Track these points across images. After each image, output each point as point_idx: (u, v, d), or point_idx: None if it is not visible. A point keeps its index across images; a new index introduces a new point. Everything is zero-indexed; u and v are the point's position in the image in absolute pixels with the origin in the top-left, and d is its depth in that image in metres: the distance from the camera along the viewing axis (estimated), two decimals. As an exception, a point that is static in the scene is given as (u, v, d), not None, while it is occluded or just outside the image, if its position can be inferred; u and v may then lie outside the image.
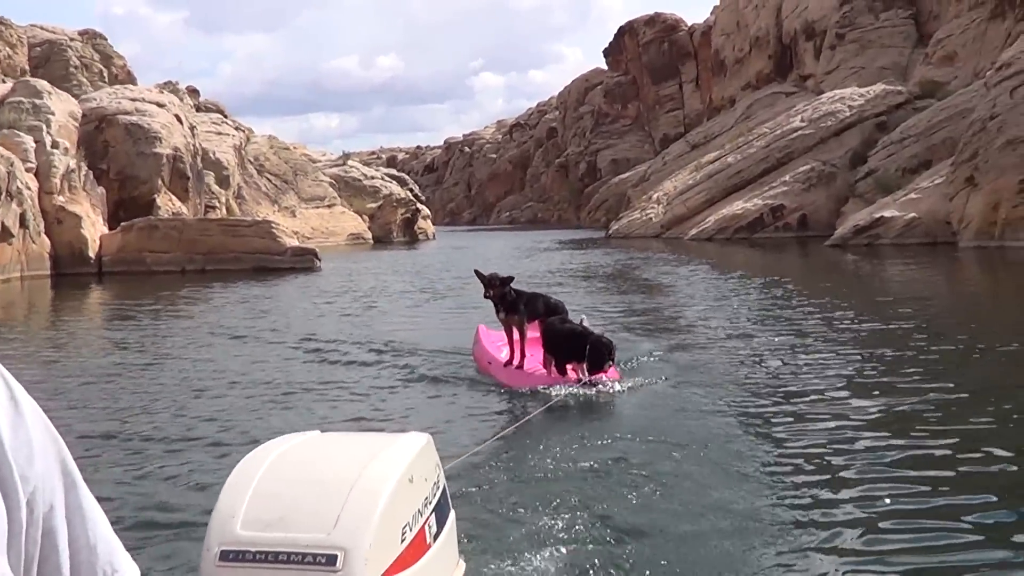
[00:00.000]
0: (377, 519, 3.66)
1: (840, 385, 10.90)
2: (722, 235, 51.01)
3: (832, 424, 9.12)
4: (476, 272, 12.75)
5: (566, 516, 6.56)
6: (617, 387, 10.94)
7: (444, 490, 4.39)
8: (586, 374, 10.99)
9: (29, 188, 34.34)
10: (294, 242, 38.04)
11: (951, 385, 10.52)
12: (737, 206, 52.29)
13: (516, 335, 12.15)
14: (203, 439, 9.38)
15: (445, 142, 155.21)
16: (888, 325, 15.67)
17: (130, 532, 6.38)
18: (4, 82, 41.51)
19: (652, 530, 6.28)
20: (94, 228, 36.90)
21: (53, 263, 35.15)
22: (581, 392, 10.67)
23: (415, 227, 66.68)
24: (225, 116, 63.73)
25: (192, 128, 48.12)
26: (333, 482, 3.81)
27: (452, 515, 4.43)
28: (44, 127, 37.29)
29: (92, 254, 35.92)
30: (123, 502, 7.23)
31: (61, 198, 36.11)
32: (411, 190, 70.64)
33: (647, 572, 5.60)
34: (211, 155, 51.81)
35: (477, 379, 12.22)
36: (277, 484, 3.82)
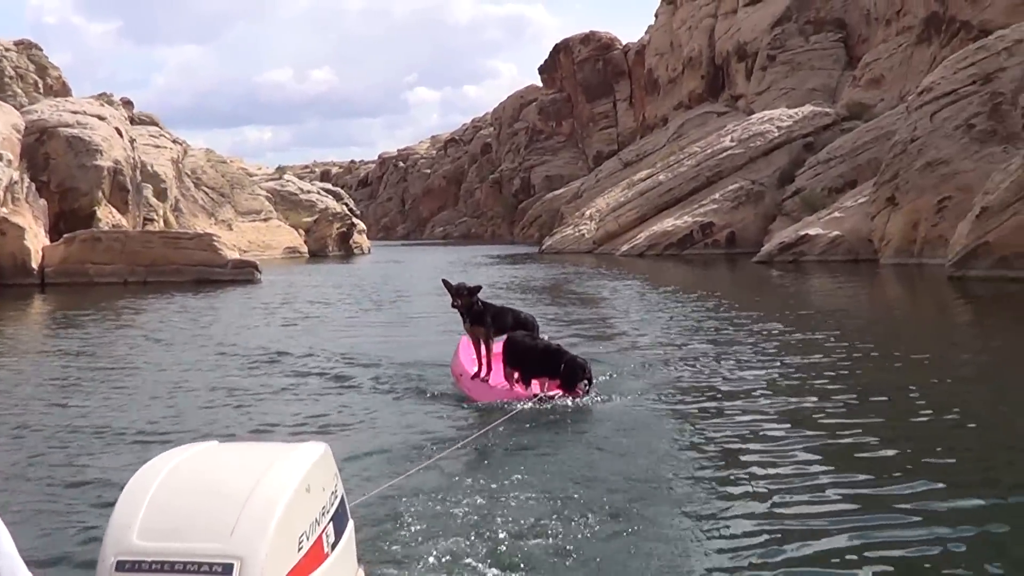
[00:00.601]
0: (273, 528, 3.71)
1: (758, 389, 11.94)
2: (653, 251, 52.79)
3: (748, 419, 10.15)
4: (444, 281, 12.79)
5: (474, 529, 6.73)
6: (574, 401, 11.05)
7: (342, 500, 4.44)
8: (546, 391, 11.16)
9: (-27, 200, 35.08)
10: (235, 255, 39.27)
11: (860, 387, 11.81)
12: (668, 223, 54.14)
13: (483, 348, 12.21)
14: (112, 447, 9.61)
15: (379, 157, 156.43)
16: (805, 335, 17.11)
17: (30, 544, 6.33)
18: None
19: (569, 541, 6.48)
20: (36, 240, 37.63)
21: (-4, 273, 35.82)
22: (530, 406, 10.73)
23: (350, 241, 67.99)
24: (160, 128, 64.43)
25: (132, 141, 48.94)
26: (230, 492, 3.86)
27: (351, 525, 4.50)
28: (-15, 139, 38.02)
29: (35, 265, 36.67)
30: (26, 513, 7.39)
31: (4, 210, 36.78)
32: (346, 204, 71.85)
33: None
34: (149, 168, 52.64)
35: (421, 390, 12.39)
36: (173, 494, 3.87)
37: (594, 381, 11.35)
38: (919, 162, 38.02)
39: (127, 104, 64.87)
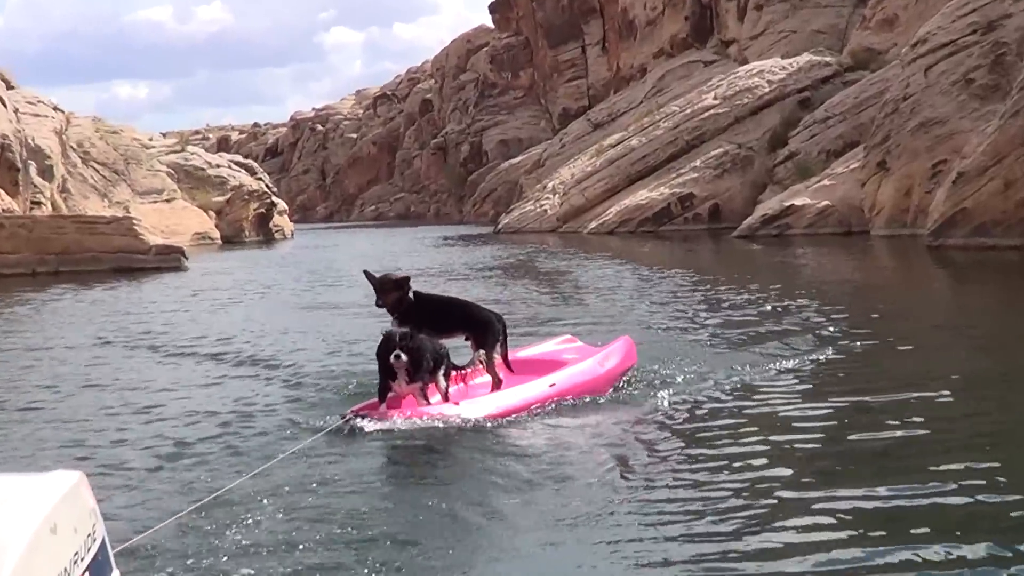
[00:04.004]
0: None
1: (725, 371, 14.31)
2: (625, 228, 59.25)
3: (716, 405, 12.45)
4: (365, 273, 13.29)
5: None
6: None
7: (103, 543, 4.52)
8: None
9: None
10: (158, 240, 45.43)
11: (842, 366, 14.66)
12: (641, 196, 60.60)
13: None
14: None
15: (291, 118, 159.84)
16: (775, 311, 21.37)
17: None
18: None
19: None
20: (-80, 228, 43.40)
21: None
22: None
23: (270, 224, 74.23)
24: (11, 88, 69.45)
25: (16, 111, 54.73)
26: None
27: (116, 575, 4.60)
28: None
29: (-75, 257, 42.48)
30: None
31: None
32: (262, 180, 77.91)
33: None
34: (31, 142, 58.18)
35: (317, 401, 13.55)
36: None
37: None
38: (912, 122, 44.18)
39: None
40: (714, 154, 60.42)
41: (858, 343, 16.41)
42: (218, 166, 75.33)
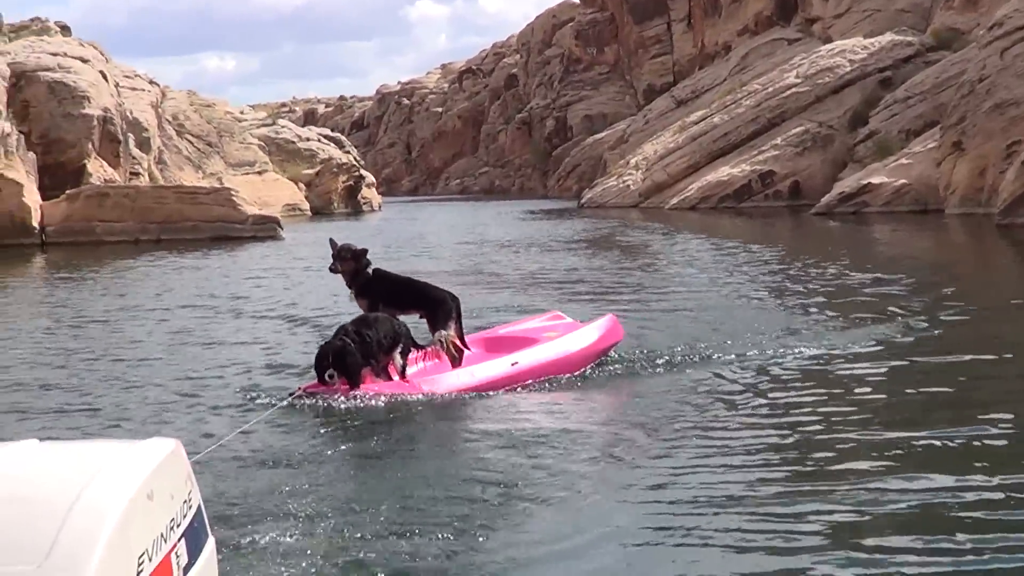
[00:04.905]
0: (103, 545, 3.79)
1: (807, 346, 14.66)
2: (706, 204, 60.89)
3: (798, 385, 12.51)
4: (330, 241, 14.01)
5: (353, 530, 7.64)
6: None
7: (199, 510, 4.61)
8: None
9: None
10: (255, 210, 47.85)
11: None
12: (723, 172, 62.22)
13: None
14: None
15: (377, 92, 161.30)
16: (848, 286, 22.28)
17: None
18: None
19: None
20: (32, 196, 45.92)
21: (-9, 233, 44.07)
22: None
23: (358, 196, 76.56)
24: (105, 60, 71.83)
25: (116, 86, 57.20)
26: (47, 501, 3.94)
27: (211, 542, 4.71)
28: (-28, 88, 46.19)
29: (35, 224, 45.07)
30: None
31: (-3, 164, 45.13)
32: (350, 154, 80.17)
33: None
34: (129, 115, 60.65)
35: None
36: None
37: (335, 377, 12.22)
38: (987, 104, 45.46)
39: (64, 29, 72.72)
40: (795, 132, 61.84)
41: (934, 317, 16.93)
42: (308, 139, 77.71)
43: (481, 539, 7.54)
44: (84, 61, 54.95)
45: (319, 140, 78.58)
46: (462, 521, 7.85)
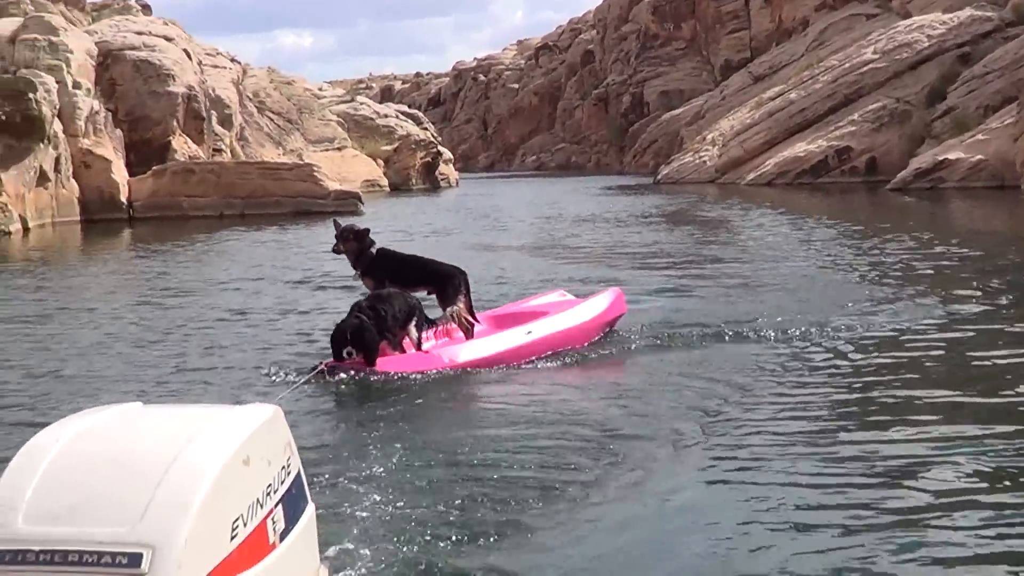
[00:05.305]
0: (197, 509, 3.89)
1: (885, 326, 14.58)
2: (782, 180, 61.22)
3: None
4: (333, 222, 14.58)
5: (456, 506, 7.59)
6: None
7: (298, 476, 4.72)
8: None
9: (64, 132, 44.67)
10: (336, 186, 49.00)
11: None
12: (799, 148, 62.47)
13: None
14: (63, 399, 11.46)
15: (454, 68, 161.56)
16: (924, 261, 22.54)
17: None
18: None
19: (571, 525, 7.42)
20: (120, 172, 47.23)
21: (82, 208, 45.40)
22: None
23: (436, 173, 77.49)
24: (188, 39, 72.84)
25: (199, 64, 58.41)
26: (144, 464, 4.07)
27: (310, 508, 4.77)
28: (64, 66, 47.21)
29: (123, 199, 46.41)
30: None
31: (87, 141, 46.28)
32: (427, 130, 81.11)
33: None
34: (211, 93, 61.85)
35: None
36: (73, 467, 4.08)
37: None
38: (1065, 78, 45.97)
39: (145, 8, 73.94)
40: (872, 108, 61.98)
41: (1013, 292, 17.10)
42: (386, 116, 78.65)
43: (555, 512, 7.58)
44: (168, 40, 56.20)
45: (397, 117, 79.54)
46: (522, 497, 7.85)
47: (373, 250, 13.79)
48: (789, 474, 8.40)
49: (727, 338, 14.01)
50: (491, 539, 7.00)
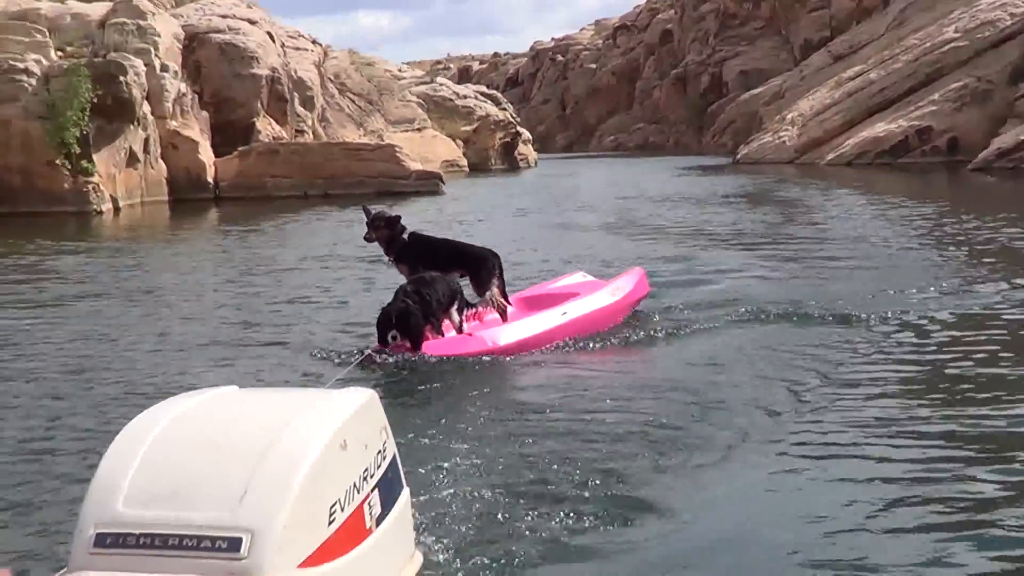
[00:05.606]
0: (295, 494, 3.93)
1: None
2: (861, 160, 61.41)
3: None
4: (363, 208, 14.29)
5: (552, 490, 7.53)
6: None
7: (394, 460, 4.74)
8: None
9: (152, 114, 45.57)
10: (418, 166, 49.73)
11: None
12: (879, 128, 62.58)
13: None
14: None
15: (531, 48, 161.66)
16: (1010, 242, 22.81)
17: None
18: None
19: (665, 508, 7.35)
20: (206, 153, 48.13)
21: (170, 188, 46.34)
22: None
23: (515, 153, 77.98)
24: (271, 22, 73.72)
25: (283, 46, 59.21)
26: (242, 448, 4.12)
27: (405, 493, 4.81)
28: (151, 49, 48.05)
29: (210, 179, 47.36)
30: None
31: (174, 123, 47.21)
32: (506, 110, 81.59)
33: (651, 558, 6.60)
34: (294, 74, 62.62)
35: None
36: (173, 450, 4.13)
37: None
38: None
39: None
40: (953, 87, 61.95)
41: None
42: (465, 96, 79.26)
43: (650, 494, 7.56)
44: (252, 22, 56.97)
45: (476, 97, 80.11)
46: (606, 481, 7.78)
47: (405, 236, 13.71)
48: (873, 459, 8.28)
49: (807, 318, 13.96)
50: (580, 523, 6.96)
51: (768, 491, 7.75)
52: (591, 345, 13.07)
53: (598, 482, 7.72)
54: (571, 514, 7.08)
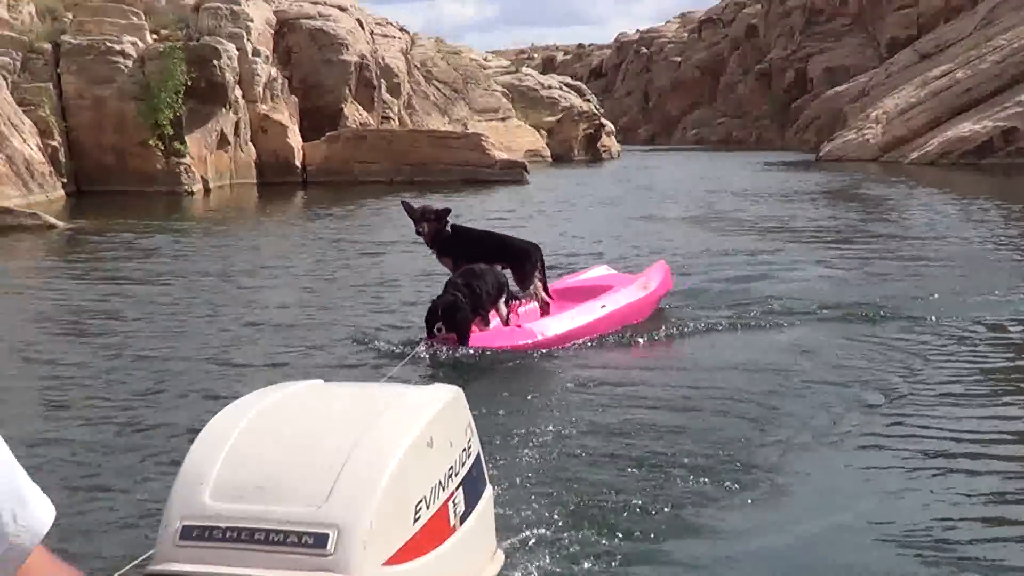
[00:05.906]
0: (382, 491, 3.95)
1: None
2: (945, 160, 61.07)
3: None
4: (404, 203, 14.28)
5: (635, 491, 7.51)
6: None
7: (478, 459, 4.74)
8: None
9: (243, 98, 46.35)
10: (503, 155, 50.29)
11: None
12: (964, 128, 62.23)
13: None
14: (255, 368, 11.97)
15: (616, 40, 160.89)
16: None
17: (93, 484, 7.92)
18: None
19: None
20: (295, 137, 48.87)
21: (259, 171, 47.14)
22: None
23: (598, 144, 78.19)
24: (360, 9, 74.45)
25: (371, 33, 59.89)
26: (330, 443, 4.15)
27: (488, 491, 4.80)
28: (244, 34, 48.89)
29: (298, 163, 48.13)
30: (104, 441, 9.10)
31: (264, 107, 48.04)
32: (590, 102, 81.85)
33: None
34: (381, 61, 63.26)
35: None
36: (259, 444, 4.17)
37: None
38: None
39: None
40: (1040, 89, 61.60)
41: None
42: (549, 87, 79.61)
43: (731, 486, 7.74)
44: (342, 9, 57.69)
45: (560, 88, 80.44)
46: (688, 478, 7.87)
47: (448, 228, 13.75)
48: (951, 456, 8.38)
49: (888, 317, 14.02)
50: (663, 524, 6.98)
51: (850, 497, 7.78)
52: (642, 340, 13.20)
53: (682, 481, 7.79)
54: (657, 512, 7.16)
